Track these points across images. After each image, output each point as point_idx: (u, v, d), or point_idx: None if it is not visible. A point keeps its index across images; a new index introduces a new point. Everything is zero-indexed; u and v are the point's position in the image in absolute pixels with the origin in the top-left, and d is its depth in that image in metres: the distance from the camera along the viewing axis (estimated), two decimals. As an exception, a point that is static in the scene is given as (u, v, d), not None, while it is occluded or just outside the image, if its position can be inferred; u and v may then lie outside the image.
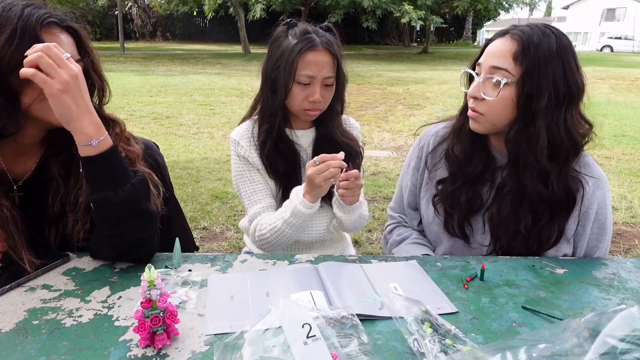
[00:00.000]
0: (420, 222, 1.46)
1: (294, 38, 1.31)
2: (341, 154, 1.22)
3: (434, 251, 1.41)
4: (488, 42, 1.22)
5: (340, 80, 1.37)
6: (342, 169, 1.23)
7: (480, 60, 1.20)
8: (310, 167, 1.23)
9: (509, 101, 1.14)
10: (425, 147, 1.41)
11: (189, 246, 1.49)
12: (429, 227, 1.41)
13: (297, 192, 1.31)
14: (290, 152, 1.41)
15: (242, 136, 1.43)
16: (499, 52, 1.16)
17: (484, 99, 1.16)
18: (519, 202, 1.22)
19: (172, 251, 1.12)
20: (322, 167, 1.21)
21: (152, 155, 1.31)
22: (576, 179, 1.20)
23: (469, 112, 1.22)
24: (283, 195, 1.42)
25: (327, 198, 1.42)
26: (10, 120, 0.97)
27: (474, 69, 1.22)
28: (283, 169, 1.41)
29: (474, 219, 1.32)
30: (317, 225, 1.48)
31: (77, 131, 0.98)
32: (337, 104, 1.42)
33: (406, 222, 1.51)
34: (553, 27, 1.16)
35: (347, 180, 1.27)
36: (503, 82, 1.13)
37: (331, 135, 1.42)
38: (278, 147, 1.39)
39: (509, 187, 1.23)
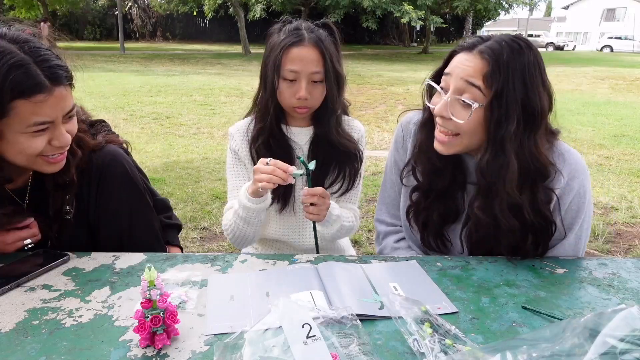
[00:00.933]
0: None
1: (284, 34, 1.30)
2: (292, 168, 1.17)
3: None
4: (453, 53, 1.14)
5: (329, 77, 1.32)
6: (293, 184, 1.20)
7: (448, 71, 1.11)
8: (260, 163, 1.19)
9: (478, 124, 1.08)
10: (407, 136, 1.35)
11: (154, 243, 1.37)
12: (407, 232, 1.37)
13: (247, 185, 1.29)
14: (280, 149, 1.39)
15: (238, 131, 1.44)
16: (468, 71, 1.07)
17: (451, 119, 1.09)
18: (496, 233, 1.15)
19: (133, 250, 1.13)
20: (266, 168, 1.17)
21: (115, 167, 1.25)
22: (550, 192, 1.13)
23: (438, 135, 1.15)
24: (272, 191, 1.39)
25: None
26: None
27: (437, 81, 1.14)
28: None
29: (451, 230, 1.27)
30: (309, 234, 1.48)
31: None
32: (330, 103, 1.36)
33: (394, 226, 1.46)
34: (522, 39, 1.09)
35: (311, 195, 1.24)
36: (474, 106, 1.06)
37: (327, 134, 1.39)
38: (269, 143, 1.38)
39: (482, 219, 1.15)
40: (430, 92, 1.19)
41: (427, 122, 1.22)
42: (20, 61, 0.95)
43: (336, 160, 1.42)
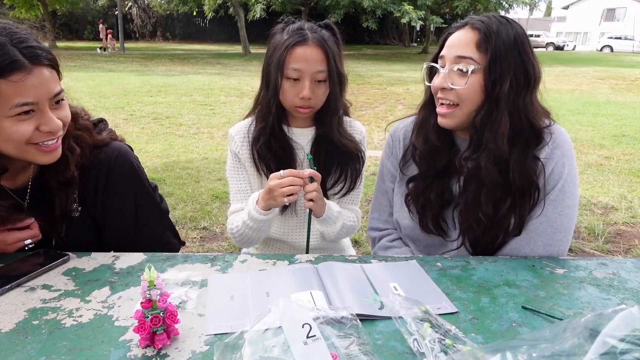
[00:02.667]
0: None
1: (287, 34, 1.30)
2: (308, 171, 1.23)
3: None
4: (447, 35, 1.23)
5: (332, 77, 1.32)
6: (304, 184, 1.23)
7: (442, 53, 1.21)
8: (274, 179, 1.22)
9: (477, 88, 1.16)
10: (397, 143, 1.41)
11: (164, 239, 1.38)
12: (402, 222, 1.38)
13: (254, 197, 1.31)
14: (282, 149, 1.39)
15: (238, 132, 1.44)
16: (461, 42, 1.17)
17: (452, 89, 1.17)
18: (479, 189, 1.21)
19: (136, 250, 1.13)
20: (284, 181, 1.20)
21: (123, 163, 1.26)
22: (537, 160, 1.18)
23: (440, 109, 1.21)
24: None
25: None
26: None
27: (436, 63, 1.23)
28: (275, 166, 1.38)
29: (447, 213, 1.30)
30: (311, 235, 1.48)
31: None
32: (333, 103, 1.37)
33: (387, 229, 1.47)
34: (506, 16, 1.20)
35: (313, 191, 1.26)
36: (470, 69, 1.14)
37: (328, 135, 1.39)
38: (270, 144, 1.39)
39: (470, 173, 1.22)
40: (430, 75, 1.27)
41: (427, 103, 1.31)
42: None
43: (338, 161, 1.42)
